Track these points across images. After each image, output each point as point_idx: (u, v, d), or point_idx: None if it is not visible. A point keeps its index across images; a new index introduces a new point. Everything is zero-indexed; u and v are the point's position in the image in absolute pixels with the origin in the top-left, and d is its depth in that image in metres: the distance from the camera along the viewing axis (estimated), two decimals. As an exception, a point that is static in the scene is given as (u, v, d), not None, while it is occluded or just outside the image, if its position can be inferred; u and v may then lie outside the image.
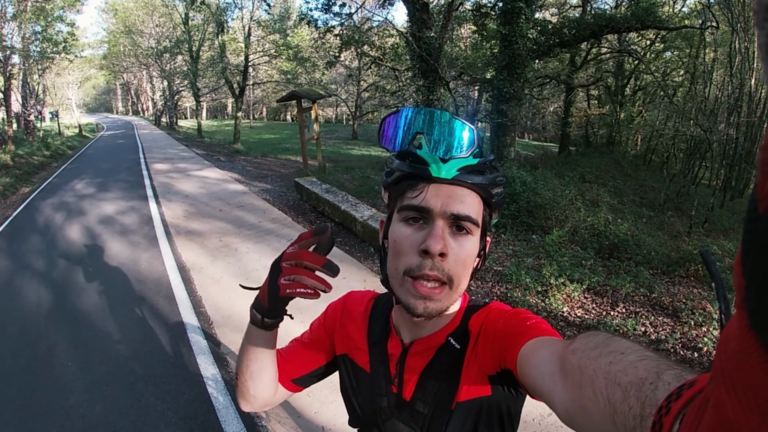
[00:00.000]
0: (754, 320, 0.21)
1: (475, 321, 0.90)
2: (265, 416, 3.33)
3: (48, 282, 6.04)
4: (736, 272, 0.22)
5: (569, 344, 0.60)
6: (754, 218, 0.21)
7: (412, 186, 0.80)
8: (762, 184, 0.20)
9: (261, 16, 25.16)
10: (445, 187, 0.79)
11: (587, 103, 24.83)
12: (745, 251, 0.22)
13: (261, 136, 30.18)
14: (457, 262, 0.79)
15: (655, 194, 12.79)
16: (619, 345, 0.52)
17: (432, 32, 11.07)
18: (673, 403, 0.35)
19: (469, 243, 0.80)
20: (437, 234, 0.76)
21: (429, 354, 0.91)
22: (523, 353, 0.73)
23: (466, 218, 0.78)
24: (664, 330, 4.21)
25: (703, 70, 14.82)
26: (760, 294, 0.20)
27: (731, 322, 0.24)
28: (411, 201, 0.79)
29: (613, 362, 0.49)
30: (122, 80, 60.38)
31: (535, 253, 6.01)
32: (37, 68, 23.42)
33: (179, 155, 18.67)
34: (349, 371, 1.04)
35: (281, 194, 10.66)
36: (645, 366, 0.45)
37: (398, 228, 0.82)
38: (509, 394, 0.84)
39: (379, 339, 0.99)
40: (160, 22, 34.53)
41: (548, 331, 0.78)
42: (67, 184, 13.21)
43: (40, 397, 3.67)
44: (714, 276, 0.54)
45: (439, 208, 0.78)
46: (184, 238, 7.46)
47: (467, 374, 0.86)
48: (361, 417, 1.02)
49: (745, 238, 0.22)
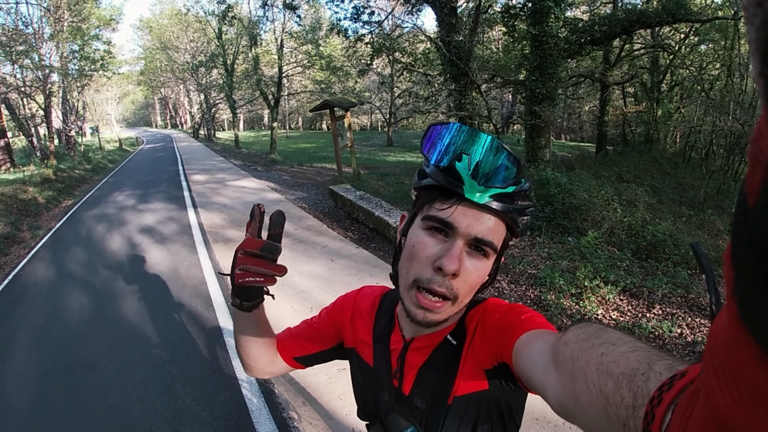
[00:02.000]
0: (743, 311, 0.21)
1: (472, 317, 0.92)
2: (297, 417, 3.39)
3: (90, 289, 6.27)
4: (726, 264, 0.23)
5: (561, 336, 0.61)
6: (743, 211, 0.21)
7: (443, 199, 0.79)
8: (750, 177, 0.21)
9: (293, 28, 25.46)
10: (473, 209, 0.78)
11: (623, 101, 24.30)
12: (734, 243, 0.22)
13: (297, 146, 30.54)
14: (466, 283, 0.80)
15: (695, 192, 12.44)
16: (610, 336, 0.53)
17: (461, 36, 11.06)
18: (665, 394, 0.36)
19: (482, 266, 0.81)
20: (455, 255, 0.77)
21: (427, 351, 0.93)
22: (518, 346, 0.74)
23: (488, 243, 0.79)
24: (701, 331, 4.12)
25: (739, 62, 14.38)
26: (749, 286, 0.21)
27: (721, 314, 0.25)
28: (438, 213, 0.79)
29: (605, 353, 0.49)
30: (160, 95, 61.74)
31: (570, 255, 5.94)
32: (76, 85, 24.32)
33: (217, 166, 19.04)
34: (356, 365, 1.08)
35: (317, 202, 10.79)
36: (637, 357, 0.46)
37: (418, 234, 0.82)
38: (507, 388, 0.85)
39: (382, 334, 1.02)
40: (195, 37, 35.23)
41: (543, 324, 0.79)
42: (108, 196, 13.61)
43: (80, 398, 3.83)
44: (705, 268, 0.57)
45: (464, 228, 0.78)
46: (222, 245, 7.63)
47: (464, 369, 0.88)
48: (367, 410, 1.06)
49: (734, 230, 0.22)
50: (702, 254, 0.59)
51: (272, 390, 3.75)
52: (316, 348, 1.15)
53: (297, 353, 1.15)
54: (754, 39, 0.20)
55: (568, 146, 29.24)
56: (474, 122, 11.36)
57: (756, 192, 0.20)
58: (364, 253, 6.84)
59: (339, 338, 1.14)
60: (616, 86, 21.12)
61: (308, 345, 1.15)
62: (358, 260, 6.53)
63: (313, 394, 3.61)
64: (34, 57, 19.88)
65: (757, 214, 0.20)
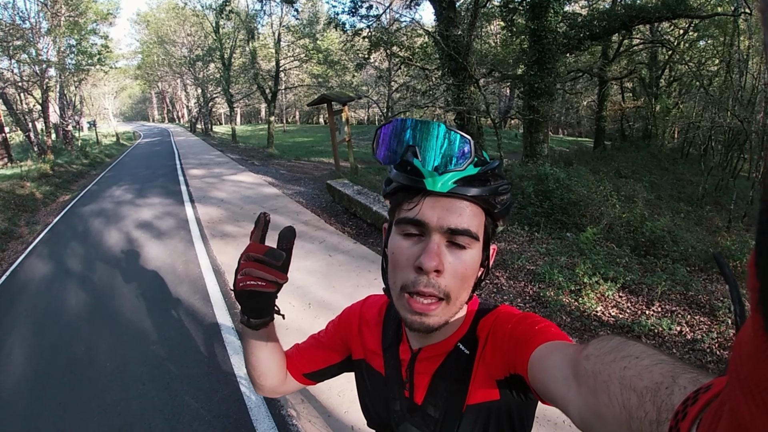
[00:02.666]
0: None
1: (483, 325, 0.90)
2: (296, 415, 3.39)
3: (87, 285, 6.27)
4: (750, 274, 0.22)
5: (582, 349, 0.59)
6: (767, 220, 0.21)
7: (409, 198, 0.78)
8: None
9: (290, 22, 25.36)
10: (441, 200, 0.76)
11: (621, 96, 24.34)
12: (759, 252, 0.21)
13: (294, 140, 30.50)
14: (454, 277, 0.77)
15: (693, 188, 12.44)
16: (633, 349, 0.51)
17: (459, 30, 11.01)
18: (690, 408, 0.35)
19: (467, 257, 0.78)
20: (432, 250, 0.75)
21: (438, 360, 0.91)
22: (534, 358, 0.72)
23: (463, 232, 0.76)
24: (701, 329, 4.11)
25: (738, 59, 14.37)
26: None
27: (746, 325, 0.24)
28: (407, 214, 0.78)
29: (628, 367, 0.48)
30: (157, 89, 61.69)
31: (568, 251, 5.93)
32: (73, 80, 24.29)
33: (214, 161, 19.01)
34: (366, 375, 1.06)
35: (314, 197, 10.77)
36: (660, 370, 0.45)
37: (396, 241, 0.80)
38: (519, 399, 0.83)
39: (391, 343, 1.00)
40: (192, 31, 35.01)
41: (558, 335, 0.77)
42: (105, 191, 13.63)
43: (79, 395, 3.83)
44: (728, 278, 0.54)
45: (435, 222, 0.76)
46: (219, 240, 7.62)
47: (476, 379, 0.86)
48: (377, 420, 1.04)
49: (758, 239, 0.21)
50: (725, 264, 0.57)
51: (271, 387, 3.73)
52: (326, 362, 1.13)
53: (306, 369, 1.13)
54: None
55: (566, 141, 29.30)
56: (472, 117, 11.31)
57: None
58: (362, 248, 6.82)
59: (347, 351, 1.12)
60: (614, 81, 21.15)
61: (317, 360, 1.13)
62: (355, 255, 6.51)
63: (312, 391, 3.60)
64: (32, 52, 19.87)
65: None
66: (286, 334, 4.46)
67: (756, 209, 10.28)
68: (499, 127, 13.34)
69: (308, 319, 4.76)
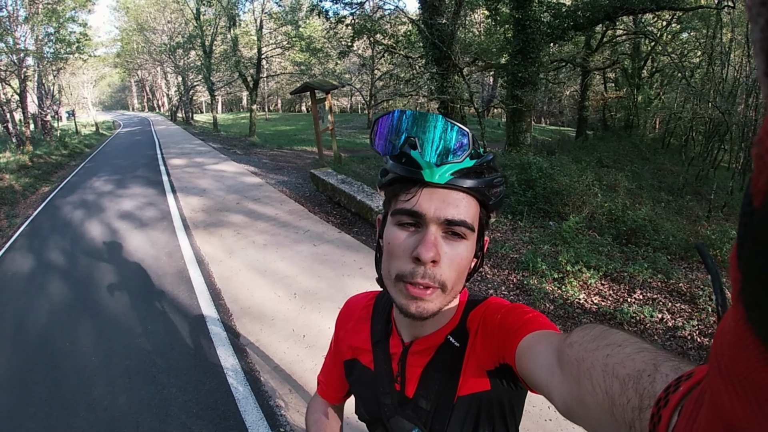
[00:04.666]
0: (750, 313, 0.21)
1: (473, 317, 0.91)
2: (284, 405, 3.39)
3: (70, 278, 6.18)
4: (732, 265, 0.22)
5: (566, 337, 0.60)
6: (749, 212, 0.21)
7: (405, 189, 0.79)
8: (756, 178, 0.20)
9: (272, 9, 25.12)
10: (438, 192, 0.77)
11: (604, 87, 24.49)
12: (740, 244, 0.22)
13: (276, 128, 30.28)
14: (450, 268, 0.78)
15: (674, 178, 12.60)
16: (616, 337, 0.52)
17: (444, 18, 10.97)
18: (671, 395, 0.35)
19: (463, 247, 0.79)
20: (429, 241, 0.76)
21: (429, 352, 0.92)
22: (521, 347, 0.73)
23: (460, 223, 0.77)
24: (682, 317, 4.17)
25: (720, 51, 14.52)
26: (756, 287, 0.21)
27: (727, 315, 0.24)
28: (404, 205, 0.78)
29: (611, 354, 0.49)
30: (137, 77, 60.83)
31: (551, 239, 5.98)
32: (51, 69, 23.74)
33: (196, 150, 18.80)
34: (357, 372, 1.07)
35: (297, 186, 10.71)
36: (642, 358, 0.45)
37: (392, 231, 0.81)
38: (509, 388, 0.84)
39: (381, 338, 1.01)
40: (172, 18, 34.54)
41: (546, 324, 0.78)
42: (85, 182, 13.44)
43: (65, 390, 3.78)
44: (710, 268, 0.55)
45: (432, 213, 0.76)
46: (203, 231, 7.55)
47: (467, 370, 0.87)
48: (367, 416, 1.04)
49: (740, 231, 0.22)
50: (707, 254, 0.57)
51: (258, 378, 3.73)
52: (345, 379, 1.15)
53: (342, 392, 1.19)
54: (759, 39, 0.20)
55: (549, 130, 29.45)
56: (456, 106, 11.31)
57: (762, 192, 0.20)
58: (347, 237, 6.80)
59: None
60: (597, 72, 21.24)
61: (339, 383, 1.18)
62: (340, 245, 6.49)
63: (299, 381, 3.60)
64: (9, 40, 19.36)
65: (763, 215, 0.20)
66: (272, 324, 4.46)
67: (736, 199, 10.48)
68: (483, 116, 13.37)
69: (294, 309, 4.75)
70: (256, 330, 4.43)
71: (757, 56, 0.20)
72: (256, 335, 4.35)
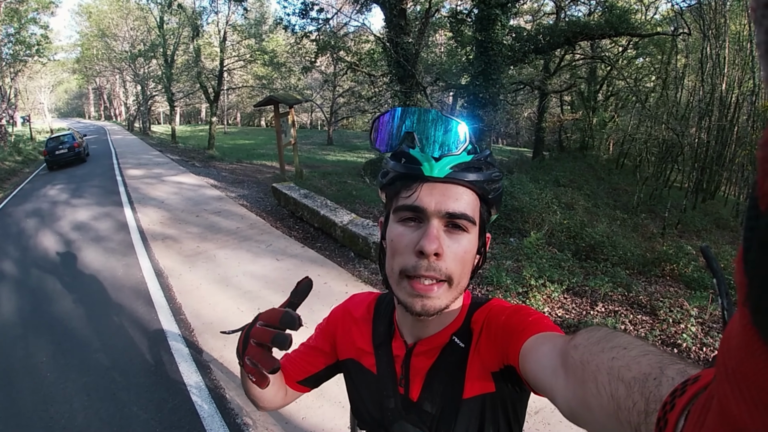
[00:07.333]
0: (757, 318, 0.21)
1: (477, 318, 0.90)
2: (252, 423, 3.29)
3: (23, 291, 5.93)
4: (738, 270, 0.22)
5: (571, 339, 0.59)
6: (755, 216, 0.20)
7: (406, 186, 0.79)
8: (762, 181, 0.20)
9: (236, 21, 24.99)
10: (438, 186, 0.78)
11: (560, 109, 25.20)
12: (747, 249, 0.21)
13: (235, 142, 30.00)
14: (454, 260, 0.78)
15: (629, 197, 12.99)
16: (621, 340, 0.52)
17: (410, 38, 11.13)
18: (678, 399, 0.35)
19: (465, 240, 0.80)
20: (432, 234, 0.76)
21: (434, 354, 0.91)
22: (525, 349, 0.73)
23: (461, 216, 0.78)
24: (644, 327, 4.29)
25: (675, 76, 15.16)
26: (762, 291, 0.20)
27: (734, 320, 0.24)
28: (405, 201, 0.79)
29: (616, 357, 0.48)
30: (95, 84, 59.20)
31: (513, 255, 6.07)
32: (9, 71, 22.98)
33: (153, 161, 18.40)
34: (356, 375, 1.04)
35: (258, 200, 10.58)
36: (648, 361, 0.45)
37: (395, 228, 0.81)
38: (513, 390, 0.84)
39: (383, 340, 0.99)
40: (135, 25, 33.95)
41: (550, 326, 0.78)
42: (39, 190, 13.04)
43: (20, 408, 3.60)
44: (715, 272, 0.55)
45: (433, 207, 0.77)
46: (161, 244, 7.36)
47: (471, 372, 0.86)
48: (369, 420, 1.02)
49: (746, 235, 0.21)
50: (712, 258, 0.58)
51: (223, 395, 3.62)
52: (317, 366, 1.10)
53: (300, 376, 1.10)
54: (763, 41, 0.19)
55: (506, 150, 30.06)
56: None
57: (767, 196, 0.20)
58: (310, 252, 6.74)
59: (336, 352, 1.10)
60: (554, 94, 21.84)
61: (308, 366, 1.10)
62: (304, 259, 6.43)
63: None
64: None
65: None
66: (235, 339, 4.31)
67: (689, 217, 10.87)
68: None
69: (257, 321, 4.66)
70: (220, 346, 4.30)
71: (762, 59, 0.20)
72: (219, 351, 4.22)
